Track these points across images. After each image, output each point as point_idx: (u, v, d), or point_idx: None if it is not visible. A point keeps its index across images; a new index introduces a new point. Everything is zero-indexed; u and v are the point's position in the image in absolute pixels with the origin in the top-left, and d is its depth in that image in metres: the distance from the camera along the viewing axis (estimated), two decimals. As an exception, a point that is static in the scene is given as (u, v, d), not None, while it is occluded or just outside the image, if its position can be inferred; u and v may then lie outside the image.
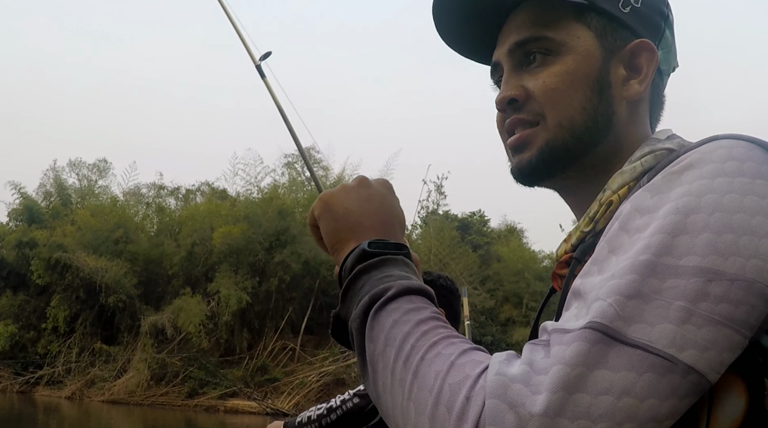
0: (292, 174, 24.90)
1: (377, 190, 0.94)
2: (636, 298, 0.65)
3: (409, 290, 0.79)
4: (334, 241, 0.91)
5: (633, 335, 0.64)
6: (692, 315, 0.64)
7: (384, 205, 0.93)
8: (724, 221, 0.67)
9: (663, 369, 0.63)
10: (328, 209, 0.93)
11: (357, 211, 0.91)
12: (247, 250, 21.23)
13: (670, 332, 0.64)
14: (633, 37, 0.93)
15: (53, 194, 26.62)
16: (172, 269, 22.34)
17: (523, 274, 21.99)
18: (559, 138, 0.91)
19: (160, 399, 19.79)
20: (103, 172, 27.30)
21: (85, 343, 22.14)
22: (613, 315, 0.65)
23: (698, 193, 0.70)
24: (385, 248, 0.86)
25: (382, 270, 0.83)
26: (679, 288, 0.65)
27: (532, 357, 0.66)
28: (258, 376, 19.85)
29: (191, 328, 19.89)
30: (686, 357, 0.63)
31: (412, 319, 0.75)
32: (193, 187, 26.27)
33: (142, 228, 24.86)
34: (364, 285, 0.82)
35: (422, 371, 0.70)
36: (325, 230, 0.93)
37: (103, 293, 21.42)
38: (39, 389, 21.71)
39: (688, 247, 0.67)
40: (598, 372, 0.63)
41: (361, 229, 0.89)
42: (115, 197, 26.24)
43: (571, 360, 0.63)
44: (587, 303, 0.68)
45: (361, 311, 0.79)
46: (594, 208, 0.88)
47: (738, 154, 0.72)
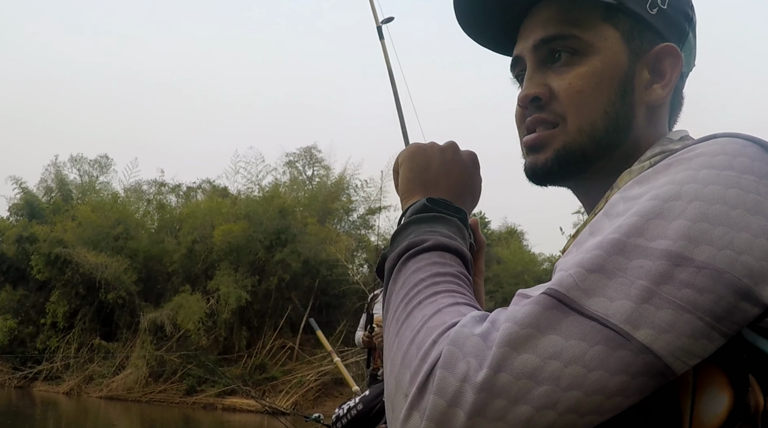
0: (294, 173, 24.91)
1: (462, 158, 0.97)
2: (598, 272, 0.66)
3: (444, 247, 0.83)
4: (406, 190, 0.95)
5: (590, 307, 0.65)
6: (653, 296, 0.64)
7: (463, 173, 0.96)
8: (701, 210, 0.67)
9: (615, 344, 0.63)
10: (411, 158, 0.96)
11: (436, 168, 0.94)
12: (248, 248, 21.22)
13: (628, 309, 0.64)
14: (659, 40, 0.92)
15: (54, 189, 26.61)
16: (172, 266, 22.33)
17: (522, 276, 21.95)
18: (578, 142, 0.90)
19: (158, 396, 19.78)
20: (104, 168, 27.31)
21: (84, 339, 22.14)
22: (570, 285, 0.66)
23: (681, 181, 0.70)
24: (444, 207, 0.90)
25: (431, 224, 0.87)
26: (644, 269, 0.65)
27: (497, 316, 0.69)
28: (256, 374, 19.83)
29: (190, 326, 19.88)
30: (641, 335, 0.64)
31: (432, 270, 0.79)
32: (194, 184, 26.29)
33: (142, 225, 24.84)
34: (410, 233, 0.86)
35: (414, 313, 0.75)
36: (402, 177, 0.96)
37: (103, 289, 21.42)
38: (37, 384, 21.71)
39: (660, 231, 0.67)
40: (548, 336, 0.64)
41: (433, 186, 0.93)
42: (116, 193, 26.22)
43: (521, 320, 0.65)
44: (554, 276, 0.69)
45: (397, 254, 0.84)
46: (600, 205, 0.87)
47: (731, 149, 0.72)
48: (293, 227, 21.46)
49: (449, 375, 0.65)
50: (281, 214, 21.83)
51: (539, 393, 0.63)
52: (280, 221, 21.51)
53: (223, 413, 18.35)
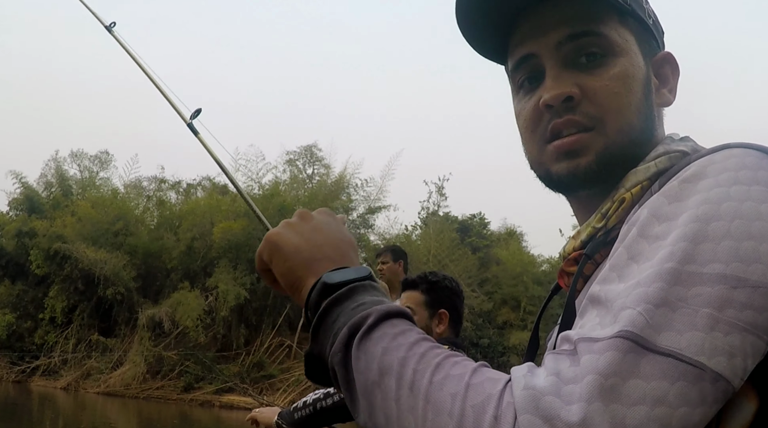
0: (294, 171, 24.90)
1: (321, 219, 0.92)
2: (664, 306, 0.65)
3: (388, 314, 0.76)
4: (292, 281, 0.87)
5: (663, 343, 0.64)
6: (719, 323, 0.65)
7: (332, 232, 0.90)
8: (744, 228, 0.68)
9: (694, 377, 0.63)
10: (278, 249, 0.88)
11: (306, 244, 0.88)
12: (247, 246, 21.21)
13: (699, 339, 0.64)
14: (657, 48, 0.96)
15: (54, 184, 26.60)
16: (171, 263, 22.34)
17: (521, 278, 21.97)
18: (618, 143, 0.89)
19: (155, 393, 19.78)
20: (104, 164, 27.30)
21: (83, 335, 22.15)
22: (643, 324, 0.64)
23: (717, 200, 0.71)
24: (348, 276, 0.83)
25: (352, 299, 0.80)
26: (704, 296, 0.65)
27: (558, 367, 0.65)
28: (254, 372, 19.84)
29: (189, 323, 19.89)
30: (715, 364, 0.64)
31: (403, 343, 0.72)
32: (194, 181, 26.28)
33: (142, 222, 24.85)
34: (337, 317, 0.78)
35: (435, 396, 0.67)
36: (279, 271, 0.88)
37: (102, 285, 21.44)
38: (35, 379, 21.73)
39: (711, 255, 0.67)
40: (631, 381, 0.62)
41: (317, 262, 0.86)
42: (116, 189, 26.22)
43: (604, 369, 0.62)
44: (613, 312, 0.67)
45: (342, 344, 0.75)
46: (607, 205, 0.88)
47: (750, 162, 0.74)
48: (293, 225, 21.42)
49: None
50: (281, 212, 21.80)
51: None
52: (280, 219, 20.78)
53: (220, 410, 18.35)
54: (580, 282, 0.89)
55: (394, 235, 23.97)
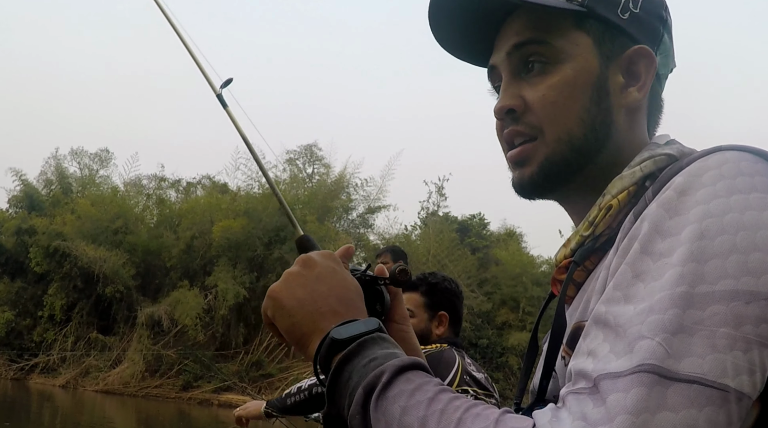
0: (294, 170, 24.90)
1: (324, 267, 0.90)
2: (681, 333, 0.65)
3: (402, 368, 0.75)
4: (297, 337, 0.86)
5: (686, 370, 0.63)
6: (737, 341, 0.64)
7: (336, 281, 0.88)
8: (749, 240, 0.68)
9: (720, 401, 0.63)
10: (280, 306, 0.87)
11: (310, 297, 0.86)
12: (246, 245, 21.21)
13: (721, 361, 0.64)
14: (631, 44, 0.92)
15: (54, 182, 26.58)
16: (171, 261, 22.33)
17: (521, 279, 21.96)
18: (558, 152, 0.90)
19: (154, 391, 19.78)
20: (104, 162, 27.28)
21: (81, 332, 22.14)
22: (663, 354, 0.64)
23: (718, 213, 0.70)
24: (357, 330, 0.81)
25: (363, 354, 0.78)
26: (719, 316, 0.65)
27: (583, 409, 0.65)
28: (253, 371, 19.83)
29: (188, 321, 19.88)
30: (738, 383, 0.64)
31: (422, 400, 0.71)
32: (194, 179, 26.28)
33: (141, 220, 24.84)
34: (350, 377, 0.77)
35: None
36: (283, 328, 0.87)
37: (101, 283, 21.43)
38: (33, 376, 21.72)
39: (720, 271, 0.67)
40: (660, 415, 0.62)
41: (321, 316, 0.84)
42: (115, 187, 26.21)
43: (633, 407, 0.62)
44: (627, 340, 0.66)
45: (359, 406, 0.74)
46: (593, 213, 0.87)
47: (746, 168, 0.73)
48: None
49: None
50: (280, 211, 21.80)
51: None
52: (279, 218, 21.50)
53: (219, 409, 18.34)
54: (571, 289, 0.89)
55: (394, 235, 23.97)
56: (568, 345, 0.83)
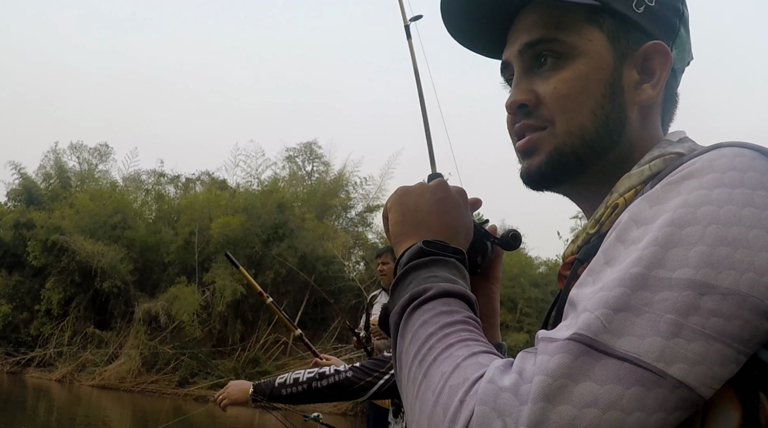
0: (293, 168, 24.89)
1: (452, 196, 0.94)
2: (624, 311, 0.65)
3: (447, 293, 0.80)
4: (398, 234, 0.92)
5: (621, 348, 0.63)
6: (683, 329, 0.63)
7: (454, 211, 0.93)
8: (719, 234, 0.66)
9: (651, 383, 0.62)
10: (400, 202, 0.94)
11: (426, 209, 0.91)
12: (245, 242, 21.21)
13: (660, 345, 0.63)
14: (646, 39, 0.90)
15: (53, 176, 26.57)
16: (169, 257, 22.32)
17: (518, 279, 21.92)
18: (568, 144, 0.89)
19: (150, 387, 19.77)
20: (103, 157, 27.27)
21: (78, 327, 22.13)
22: (599, 328, 0.64)
23: (695, 204, 0.69)
24: (441, 249, 0.86)
25: (430, 269, 0.84)
26: (670, 301, 0.64)
27: (523, 365, 0.66)
28: (249, 368, 19.82)
29: (185, 317, 19.88)
30: (675, 371, 0.63)
31: (440, 321, 0.76)
32: (193, 175, 26.28)
33: (140, 215, 24.83)
34: (411, 281, 0.83)
35: (431, 371, 0.71)
36: (392, 221, 0.94)
37: (99, 278, 21.42)
38: (29, 370, 21.70)
39: (681, 260, 0.66)
40: (583, 384, 0.62)
41: (426, 227, 0.90)
42: (114, 182, 26.21)
43: (553, 371, 0.63)
44: (576, 314, 0.67)
45: (401, 307, 0.81)
46: (600, 211, 0.87)
47: (740, 163, 0.71)
48: (291, 222, 21.45)
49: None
50: (279, 209, 21.83)
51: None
52: (278, 216, 21.51)
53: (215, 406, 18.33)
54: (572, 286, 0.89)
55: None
56: None
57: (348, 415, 17.19)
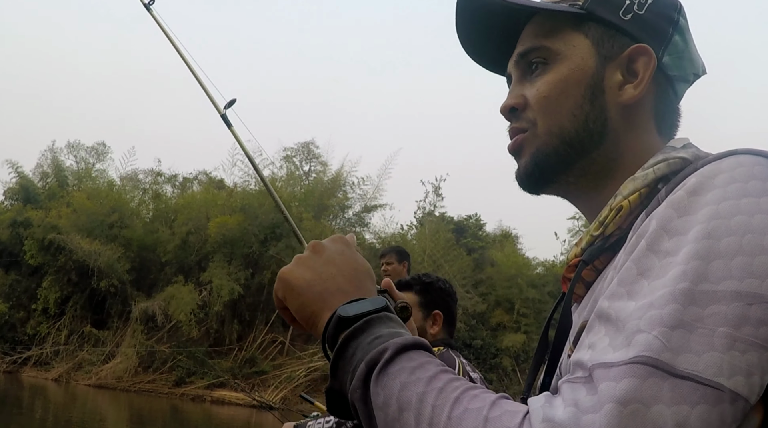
0: (290, 167, 24.88)
1: (334, 249, 0.91)
2: (680, 328, 0.65)
3: (405, 347, 0.76)
4: (306, 317, 0.87)
5: (682, 366, 0.63)
6: (736, 341, 0.64)
7: (346, 262, 0.90)
8: (756, 243, 0.68)
9: (714, 399, 0.63)
10: (290, 286, 0.89)
11: (319, 278, 0.88)
12: (242, 241, 21.21)
13: (717, 360, 0.63)
14: (632, 43, 0.93)
15: (50, 175, 26.55)
16: (166, 256, 22.31)
17: (516, 280, 21.97)
18: (549, 144, 0.93)
19: (147, 386, 19.77)
20: (101, 156, 27.26)
21: (75, 326, 22.12)
22: (660, 348, 0.64)
23: (726, 215, 0.70)
24: (364, 308, 0.82)
25: (368, 332, 0.80)
26: (720, 315, 0.65)
27: (576, 396, 0.65)
28: (246, 368, 19.84)
29: (182, 317, 19.88)
30: (733, 384, 0.63)
31: (422, 378, 0.72)
32: (190, 175, 26.30)
33: (137, 214, 24.81)
34: (354, 353, 0.78)
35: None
36: (293, 308, 0.88)
37: (96, 277, 21.41)
38: (26, 369, 21.68)
39: (724, 272, 0.67)
40: (654, 407, 0.62)
41: (330, 295, 0.86)
42: (112, 181, 26.20)
43: (623, 396, 0.62)
44: (625, 333, 0.67)
45: (360, 381, 0.75)
46: (604, 213, 0.88)
47: (759, 172, 0.73)
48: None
49: None
50: (277, 208, 21.78)
51: None
52: (275, 215, 21.49)
53: (211, 406, 18.34)
54: (580, 288, 0.91)
55: (390, 234, 23.99)
56: (574, 343, 0.84)
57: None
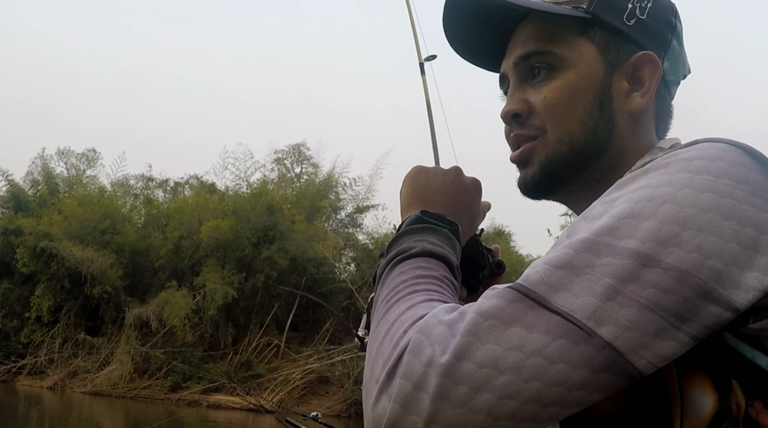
0: (282, 170, 24.85)
1: (464, 182, 0.99)
2: (564, 269, 0.68)
3: (430, 253, 0.85)
4: (405, 204, 0.98)
5: (555, 302, 0.67)
6: (618, 294, 0.66)
7: (462, 194, 0.98)
8: (672, 212, 0.68)
9: (578, 339, 0.65)
10: (413, 178, 0.99)
11: (435, 186, 0.97)
12: (235, 245, 21.17)
13: (593, 305, 0.66)
14: (637, 50, 0.92)
15: (41, 182, 26.44)
16: (159, 261, 22.25)
17: (510, 278, 21.74)
18: (559, 152, 0.92)
19: (142, 392, 19.71)
20: (91, 162, 27.18)
21: (69, 334, 22.00)
22: (536, 280, 0.68)
23: (655, 185, 0.71)
24: (437, 219, 0.91)
25: (422, 234, 0.88)
26: (611, 267, 0.67)
27: (466, 308, 0.70)
28: (242, 372, 19.79)
29: (176, 322, 19.82)
30: (604, 331, 0.65)
31: (415, 273, 0.82)
32: (181, 179, 26.24)
33: (129, 220, 24.73)
34: (402, 243, 0.88)
35: (391, 309, 0.77)
36: (403, 194, 0.99)
37: (89, 283, 21.32)
38: (21, 378, 21.58)
39: (630, 231, 0.69)
40: (512, 328, 0.66)
41: (431, 202, 0.95)
42: (103, 187, 26.11)
43: (486, 311, 0.68)
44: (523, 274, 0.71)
45: (386, 261, 0.86)
46: None
47: (709, 154, 0.73)
48: (281, 224, 21.43)
49: (415, 360, 0.67)
50: (269, 211, 21.79)
51: (501, 383, 0.65)
52: (267, 218, 21.47)
53: (208, 410, 18.29)
54: None
55: (383, 235, 23.95)
56: None
57: (342, 417, 17.20)
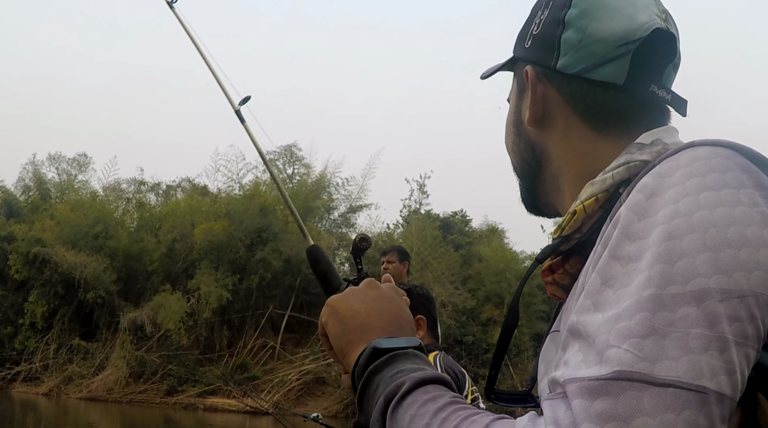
0: (274, 171, 24.75)
1: (385, 292, 0.94)
2: (652, 336, 0.63)
3: (423, 381, 0.77)
4: (343, 344, 0.89)
5: (661, 374, 0.61)
6: (712, 341, 0.62)
7: (392, 306, 0.92)
8: (720, 237, 0.66)
9: (698, 403, 0.61)
10: (335, 312, 0.91)
11: (364, 311, 0.90)
12: (228, 247, 21.13)
13: (696, 363, 0.62)
14: (537, 66, 0.97)
15: (32, 188, 26.34)
16: (152, 265, 22.19)
17: (504, 275, 22.00)
18: (519, 180, 1.04)
19: (138, 397, 19.66)
20: (83, 167, 27.07)
21: (63, 339, 21.93)
22: (632, 360, 0.62)
23: (687, 212, 0.68)
24: (397, 344, 0.84)
25: (393, 366, 0.81)
26: (692, 316, 0.63)
27: (556, 414, 0.64)
28: (238, 374, 19.76)
29: (171, 325, 19.77)
30: (716, 385, 0.62)
31: (430, 410, 0.73)
32: (173, 182, 26.15)
33: (122, 224, 24.67)
34: (378, 386, 0.80)
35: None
36: (332, 333, 0.90)
37: (82, 289, 21.25)
38: (16, 385, 21.49)
39: (690, 271, 0.65)
40: (637, 421, 0.60)
41: (370, 329, 0.87)
42: (95, 192, 26.01)
43: (599, 416, 0.61)
44: (597, 349, 0.65)
45: (379, 414, 0.77)
46: (566, 219, 0.88)
47: (718, 164, 0.71)
48: (274, 225, 21.40)
49: None
50: (262, 213, 21.76)
51: None
52: (260, 219, 21.44)
53: (204, 413, 18.26)
54: (558, 291, 0.92)
55: (376, 234, 23.95)
56: None
57: (339, 417, 17.19)
